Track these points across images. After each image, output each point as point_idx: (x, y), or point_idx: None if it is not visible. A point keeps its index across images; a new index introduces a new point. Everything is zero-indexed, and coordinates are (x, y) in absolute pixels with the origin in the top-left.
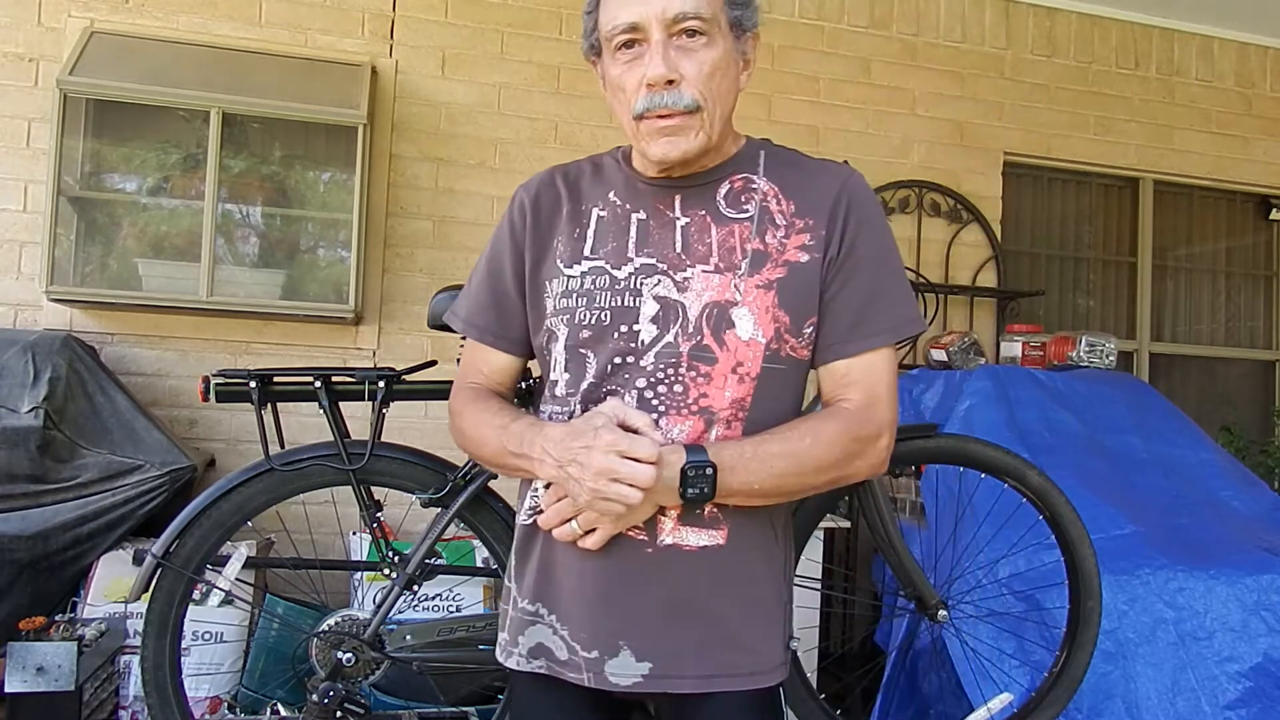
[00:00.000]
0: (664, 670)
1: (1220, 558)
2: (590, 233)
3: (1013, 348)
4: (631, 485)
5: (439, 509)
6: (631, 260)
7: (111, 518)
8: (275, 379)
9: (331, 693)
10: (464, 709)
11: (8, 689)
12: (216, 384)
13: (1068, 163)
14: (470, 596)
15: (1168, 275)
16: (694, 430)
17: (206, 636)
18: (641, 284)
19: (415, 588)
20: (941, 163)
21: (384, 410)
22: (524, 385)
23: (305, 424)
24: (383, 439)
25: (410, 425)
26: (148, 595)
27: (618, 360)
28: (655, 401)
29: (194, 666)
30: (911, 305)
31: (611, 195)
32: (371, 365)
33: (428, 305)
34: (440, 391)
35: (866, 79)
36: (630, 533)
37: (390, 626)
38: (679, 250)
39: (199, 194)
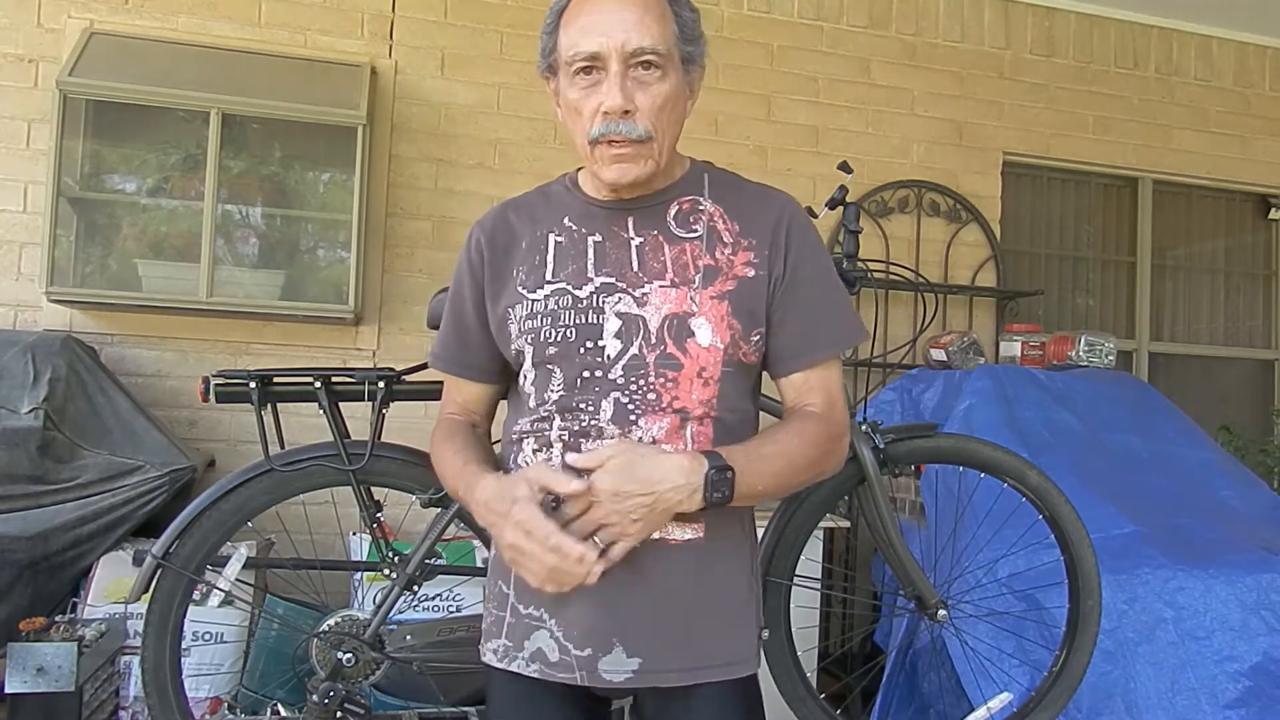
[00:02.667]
0: (652, 664)
1: (1220, 557)
2: (550, 258)
3: (1012, 347)
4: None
5: (439, 509)
6: (591, 280)
7: (111, 518)
8: (275, 379)
9: (332, 693)
10: (464, 709)
11: (8, 689)
12: (216, 384)
13: (1067, 162)
14: (470, 596)
15: (1167, 275)
16: (670, 426)
17: (206, 637)
18: (603, 302)
19: (415, 588)
20: (941, 162)
21: (384, 410)
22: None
23: (305, 424)
24: (383, 439)
25: (410, 425)
26: (148, 596)
27: (586, 374)
28: (630, 405)
29: (194, 667)
30: (854, 316)
31: (566, 221)
32: (371, 365)
33: (427, 305)
34: (440, 392)
35: (866, 79)
36: None
37: (390, 626)
38: (636, 268)
39: (199, 194)
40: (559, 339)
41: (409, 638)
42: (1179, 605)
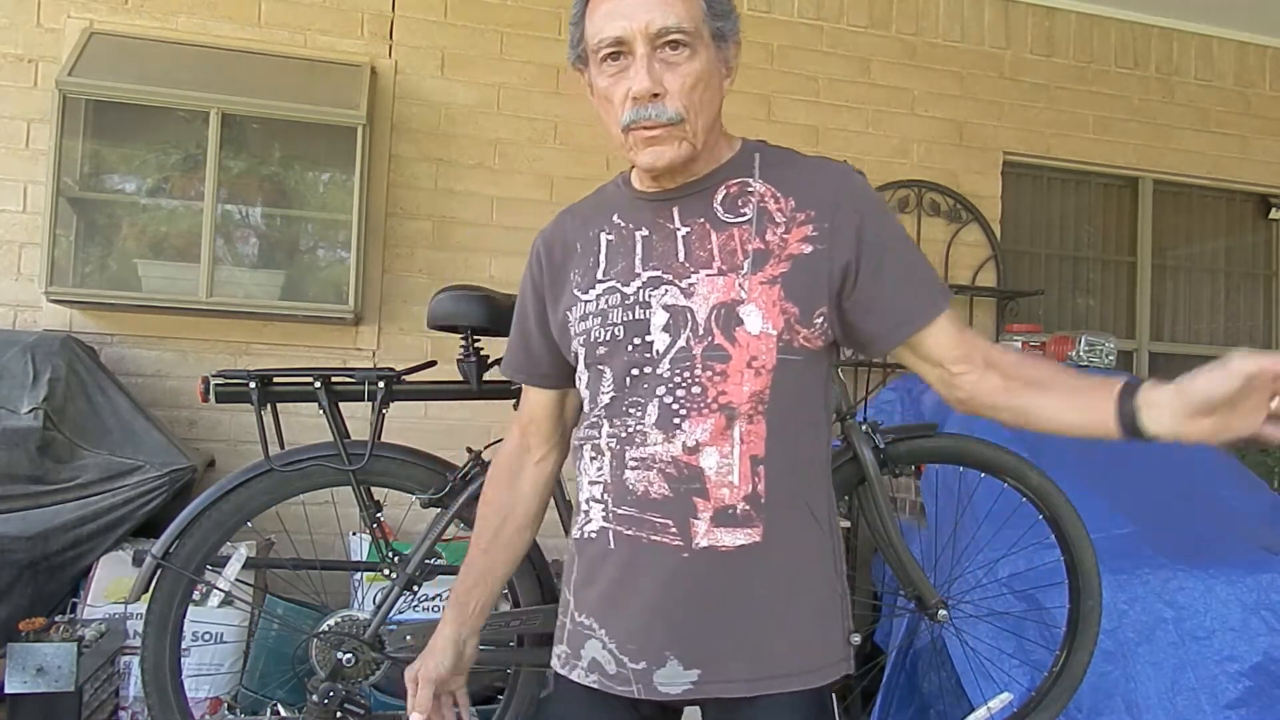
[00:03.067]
0: (713, 675)
1: (1220, 557)
2: (602, 257)
3: (1012, 347)
4: None
5: (439, 509)
6: (639, 275)
7: (111, 518)
8: (275, 379)
9: (332, 693)
10: None
11: (8, 690)
12: (216, 384)
13: (1067, 162)
14: None
15: (1167, 274)
16: (715, 427)
17: (206, 637)
18: (650, 296)
19: (415, 588)
20: (941, 162)
21: (384, 410)
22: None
23: (305, 424)
24: (382, 439)
25: (410, 425)
26: (148, 596)
27: (635, 372)
28: (675, 405)
29: (194, 667)
30: (936, 276)
31: (615, 218)
32: (371, 365)
33: (427, 305)
34: (440, 392)
35: (866, 79)
36: (664, 539)
37: (390, 627)
38: (682, 259)
39: (198, 194)
40: (608, 338)
41: (409, 638)
42: (1179, 605)
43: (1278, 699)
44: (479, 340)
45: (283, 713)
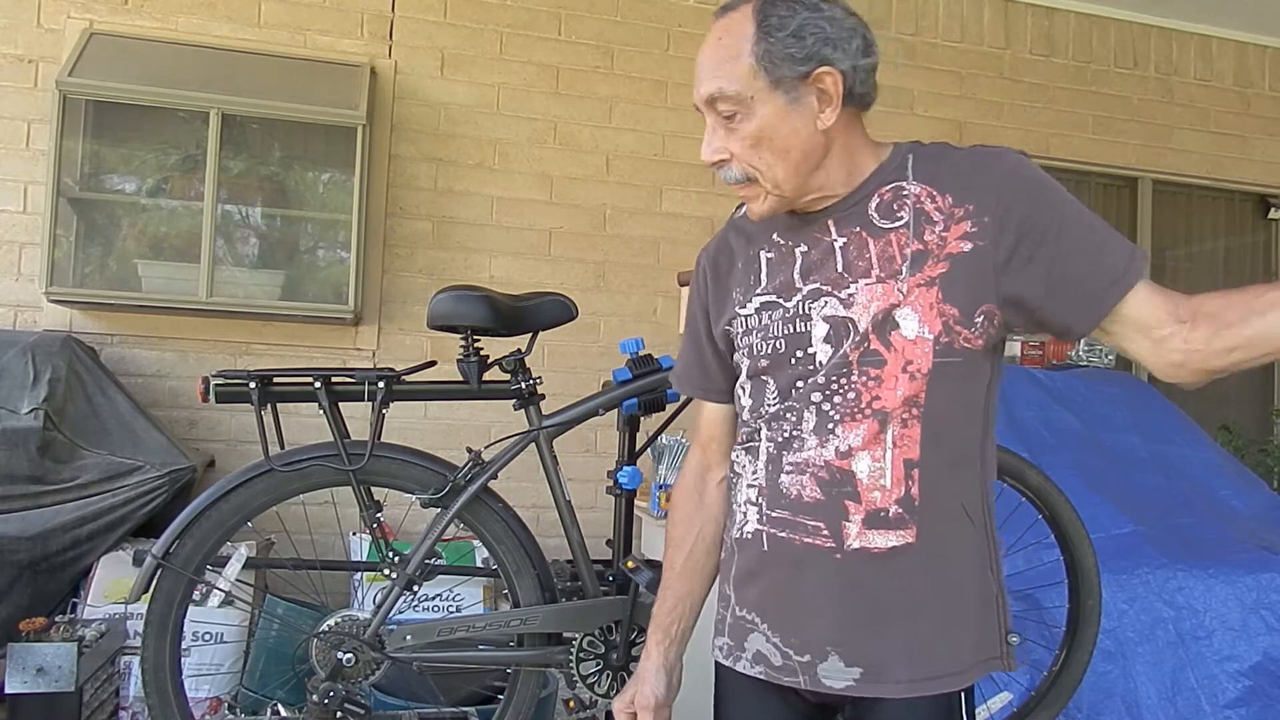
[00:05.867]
0: (875, 675)
1: (1219, 557)
2: (763, 274)
3: (1012, 347)
4: None
5: (439, 509)
6: (799, 289)
7: (111, 519)
8: (275, 380)
9: (332, 693)
10: (464, 709)
11: (8, 690)
12: (216, 385)
13: (1066, 162)
14: (470, 596)
15: (1166, 274)
16: (868, 432)
17: (206, 637)
18: (810, 309)
19: (415, 588)
20: None
21: (384, 411)
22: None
23: (305, 424)
24: (382, 439)
25: (410, 425)
26: (148, 596)
27: (800, 384)
28: (831, 411)
29: (194, 667)
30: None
31: (775, 236)
32: (371, 366)
33: (427, 306)
34: (440, 392)
35: None
36: (817, 541)
37: (390, 626)
38: (840, 270)
39: (198, 195)
40: (770, 351)
41: (409, 638)
42: (1179, 605)
43: (1277, 699)
44: (479, 340)
45: (283, 713)
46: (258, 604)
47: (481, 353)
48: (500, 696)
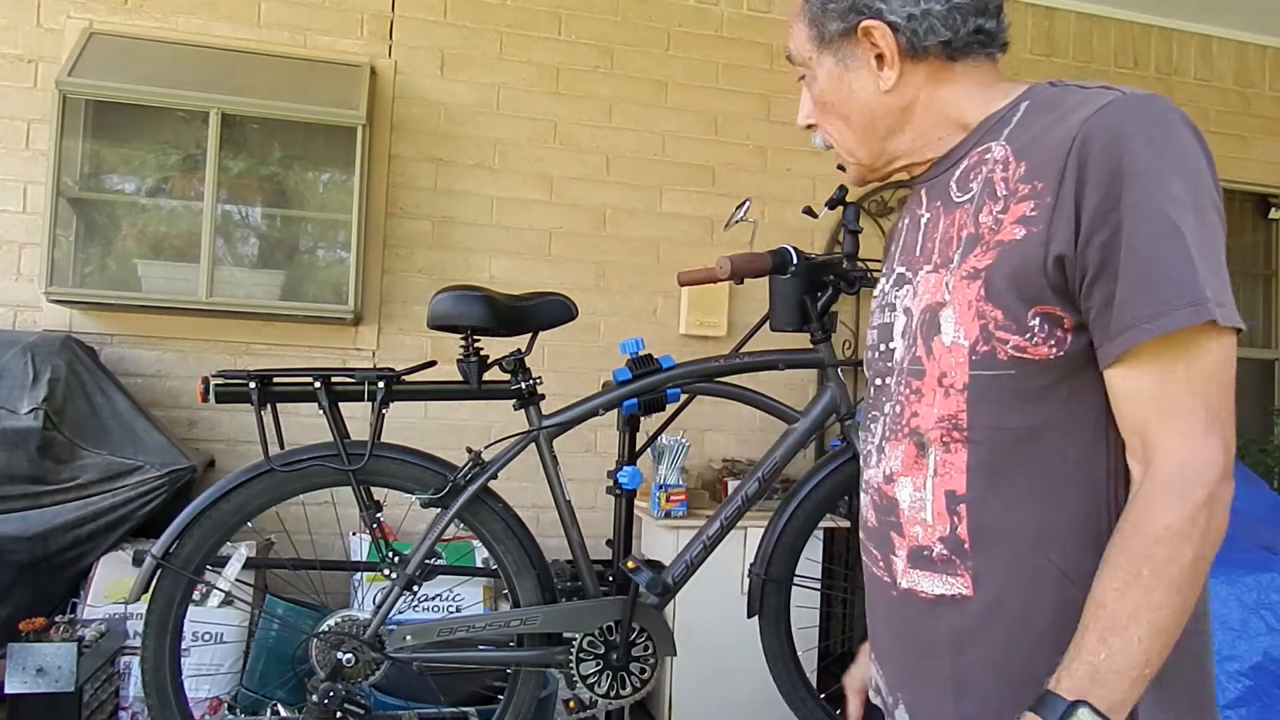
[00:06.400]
0: None
1: (1220, 557)
2: (893, 248)
3: None
4: None
5: (439, 509)
6: (892, 272)
7: (111, 519)
8: (275, 380)
9: (331, 693)
10: (464, 709)
11: (8, 690)
12: (216, 385)
13: None
14: (470, 596)
15: None
16: (907, 455)
17: (206, 637)
18: (895, 296)
19: (415, 588)
20: None
21: (383, 411)
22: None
23: (305, 424)
24: (382, 439)
25: (410, 425)
26: (148, 596)
27: (878, 382)
28: (888, 424)
29: (194, 667)
30: (1189, 277)
31: (911, 204)
32: (371, 366)
33: (427, 305)
34: (440, 392)
35: None
36: (878, 572)
37: (390, 627)
38: (918, 252)
39: (198, 195)
40: (870, 341)
41: (409, 638)
42: None
43: (1277, 699)
44: (479, 340)
45: (283, 713)
46: (258, 604)
47: (481, 353)
48: (500, 696)
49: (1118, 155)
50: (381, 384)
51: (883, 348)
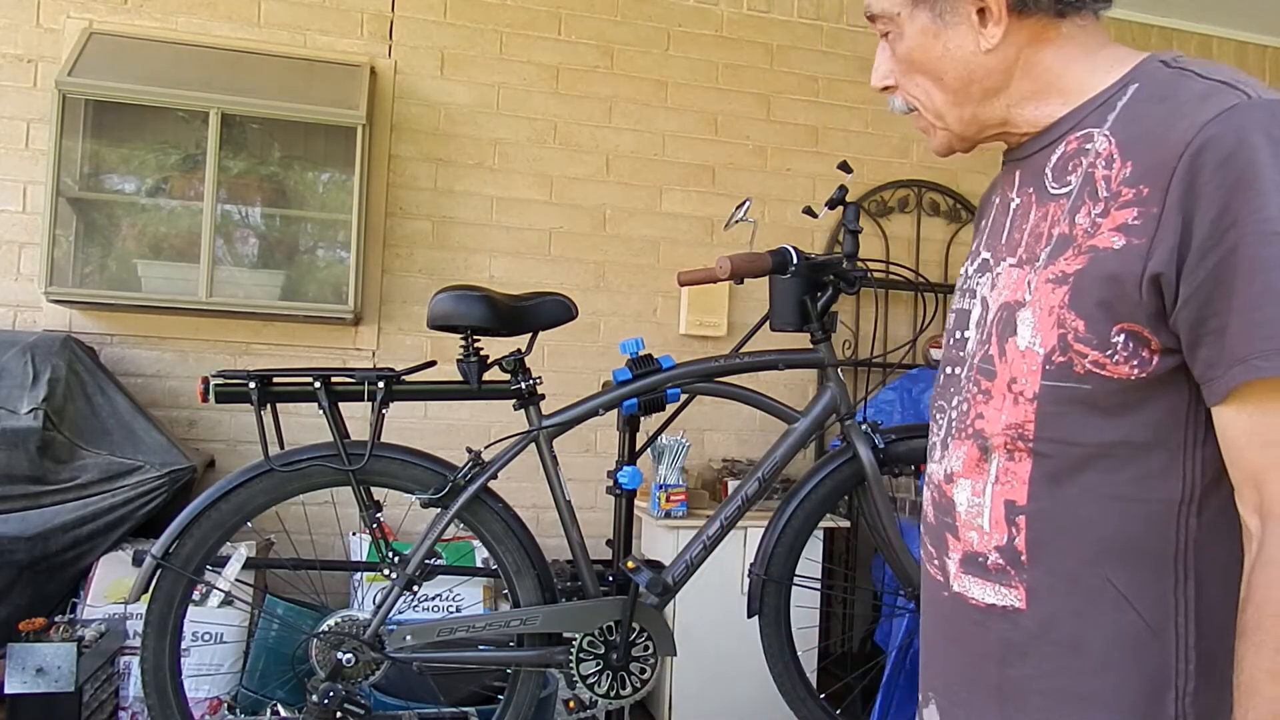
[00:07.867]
0: None
1: None
2: (982, 227)
3: None
4: None
5: (439, 509)
6: (977, 256)
7: (111, 518)
8: (275, 380)
9: (331, 693)
10: (464, 709)
11: (7, 690)
12: (216, 385)
13: None
14: (470, 596)
15: None
16: (969, 457)
17: (206, 637)
18: (976, 284)
19: (415, 588)
20: (940, 162)
21: (383, 411)
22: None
23: (305, 424)
24: (382, 439)
25: (410, 425)
26: (147, 596)
27: (949, 370)
28: (955, 419)
29: (194, 667)
30: None
31: (1002, 179)
32: (371, 366)
33: (427, 305)
34: (440, 392)
35: (866, 78)
36: (932, 570)
37: (390, 627)
38: (1003, 240)
39: (198, 195)
40: (947, 327)
41: (409, 638)
42: None
43: None
44: (479, 340)
45: (283, 713)
46: (257, 604)
47: (481, 353)
48: (500, 696)
49: (1237, 170)
50: (381, 384)
51: (958, 335)
